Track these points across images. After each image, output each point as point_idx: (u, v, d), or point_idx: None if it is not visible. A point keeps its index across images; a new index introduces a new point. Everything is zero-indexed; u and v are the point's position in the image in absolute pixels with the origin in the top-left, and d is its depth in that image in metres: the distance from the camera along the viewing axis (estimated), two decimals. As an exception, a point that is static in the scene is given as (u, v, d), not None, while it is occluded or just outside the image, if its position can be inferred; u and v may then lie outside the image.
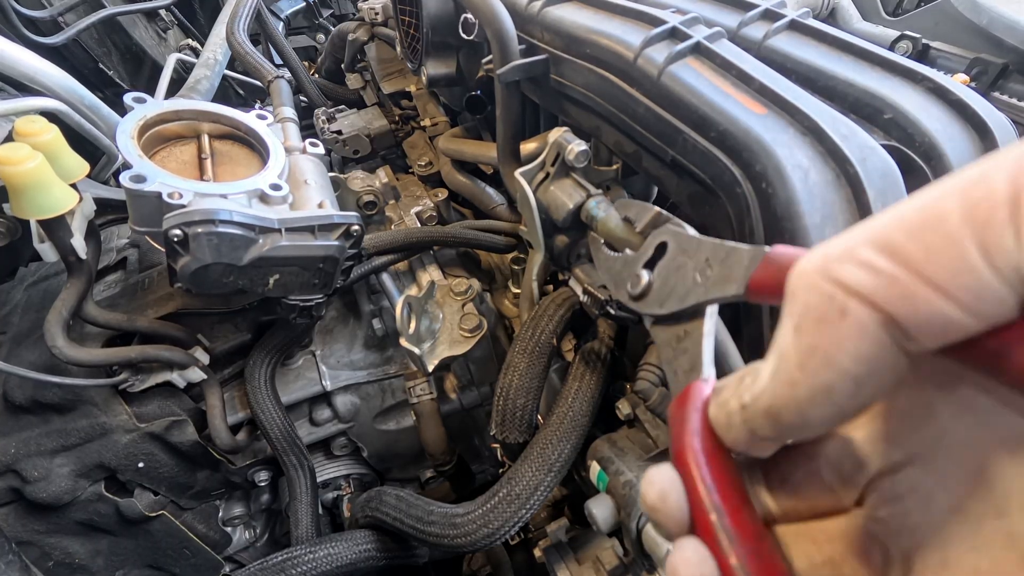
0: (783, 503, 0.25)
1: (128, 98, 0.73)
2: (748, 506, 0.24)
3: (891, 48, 1.28)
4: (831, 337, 0.18)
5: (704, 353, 0.33)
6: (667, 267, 0.40)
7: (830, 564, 0.23)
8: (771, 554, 0.23)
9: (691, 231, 0.40)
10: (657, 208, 0.46)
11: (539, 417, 0.74)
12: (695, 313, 0.35)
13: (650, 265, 0.42)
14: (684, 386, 0.28)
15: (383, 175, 1.15)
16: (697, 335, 0.34)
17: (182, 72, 1.56)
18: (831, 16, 1.50)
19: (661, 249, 0.41)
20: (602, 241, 0.53)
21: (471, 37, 0.81)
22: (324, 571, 0.72)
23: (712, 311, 0.34)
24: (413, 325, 0.82)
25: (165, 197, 0.62)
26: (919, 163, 0.51)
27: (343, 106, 1.44)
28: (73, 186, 0.69)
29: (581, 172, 0.62)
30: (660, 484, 0.25)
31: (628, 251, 0.47)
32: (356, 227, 0.72)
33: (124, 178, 0.62)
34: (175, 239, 0.62)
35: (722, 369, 0.50)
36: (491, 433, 0.72)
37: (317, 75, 1.72)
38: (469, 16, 0.80)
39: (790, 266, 0.21)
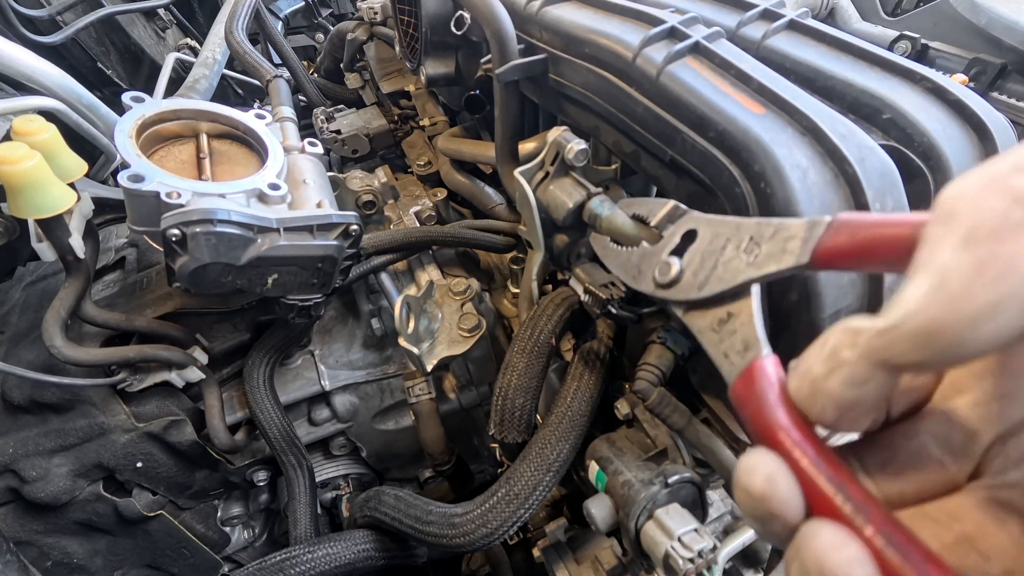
0: (886, 488, 0.23)
1: (126, 97, 0.73)
2: (860, 483, 0.21)
3: (890, 48, 1.28)
4: (1010, 247, 0.17)
5: (758, 330, 0.31)
6: (701, 251, 0.38)
7: (965, 542, 0.21)
8: (908, 531, 0.20)
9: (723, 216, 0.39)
10: (673, 201, 0.46)
11: (538, 417, 0.73)
12: (738, 293, 0.34)
13: (677, 253, 0.41)
14: (743, 367, 0.26)
15: (382, 175, 1.14)
16: (745, 314, 0.33)
17: (181, 71, 1.55)
18: (830, 16, 1.50)
19: (690, 236, 0.40)
20: (608, 239, 0.52)
21: (464, 32, 0.81)
22: (322, 571, 0.72)
23: (757, 290, 0.33)
24: (412, 325, 0.82)
25: (163, 196, 0.62)
26: (918, 163, 0.51)
27: (342, 105, 1.44)
28: (71, 185, 0.69)
29: (580, 171, 0.62)
30: (764, 468, 0.22)
31: (645, 244, 0.46)
32: (354, 227, 0.72)
33: (122, 177, 0.62)
34: (173, 239, 0.62)
35: (718, 377, 0.49)
36: (490, 433, 0.72)
37: (316, 74, 1.72)
38: (464, 13, 0.80)
39: (869, 228, 0.21)
